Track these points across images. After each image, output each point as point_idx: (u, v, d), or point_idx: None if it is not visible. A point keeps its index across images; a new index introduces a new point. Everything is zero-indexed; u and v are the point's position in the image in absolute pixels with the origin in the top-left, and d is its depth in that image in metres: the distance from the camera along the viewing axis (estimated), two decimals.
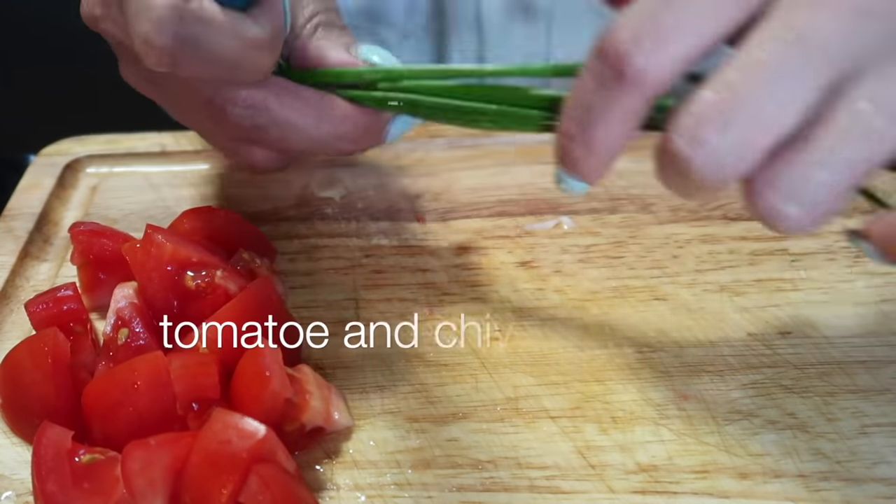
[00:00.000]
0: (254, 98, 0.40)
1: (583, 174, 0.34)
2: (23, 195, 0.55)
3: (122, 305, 0.41)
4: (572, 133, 0.33)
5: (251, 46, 0.35)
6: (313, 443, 0.39)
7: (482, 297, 0.46)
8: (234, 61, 0.36)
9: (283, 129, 0.41)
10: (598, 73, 0.31)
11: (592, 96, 0.32)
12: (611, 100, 0.31)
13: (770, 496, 0.36)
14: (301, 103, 0.40)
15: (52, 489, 0.34)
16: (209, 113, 0.41)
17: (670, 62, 0.30)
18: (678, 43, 0.30)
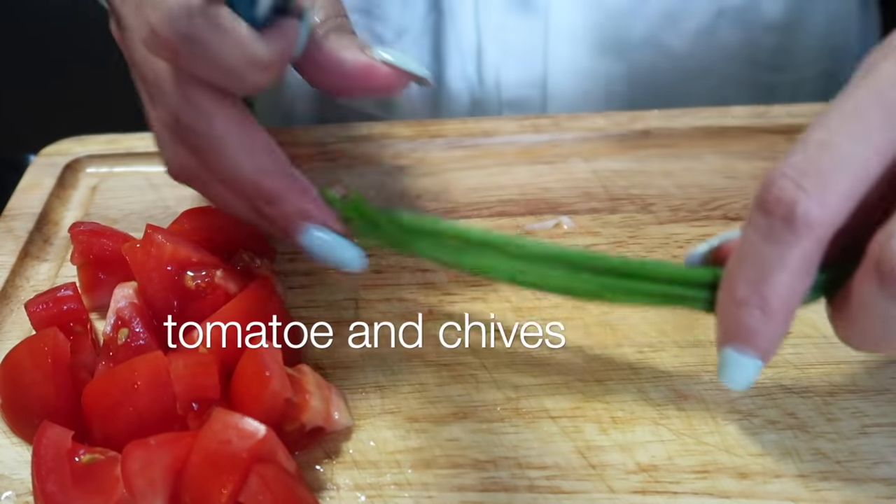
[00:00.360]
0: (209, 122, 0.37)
1: (760, 344, 0.33)
2: (23, 195, 0.55)
3: (122, 305, 0.41)
4: (745, 297, 0.32)
5: (256, 65, 0.35)
6: (313, 443, 0.39)
7: (482, 297, 0.46)
8: (235, 74, 0.35)
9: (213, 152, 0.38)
10: (764, 228, 0.31)
11: (763, 251, 0.31)
12: (787, 249, 0.31)
13: (770, 496, 0.36)
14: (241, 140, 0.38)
15: (52, 489, 0.34)
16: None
17: (837, 199, 0.30)
18: (843, 176, 0.30)
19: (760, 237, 0.31)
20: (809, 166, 0.30)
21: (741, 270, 0.32)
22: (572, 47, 0.64)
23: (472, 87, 0.66)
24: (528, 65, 0.64)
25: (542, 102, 0.66)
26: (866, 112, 0.30)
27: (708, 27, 0.64)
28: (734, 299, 0.32)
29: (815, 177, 0.30)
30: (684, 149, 0.57)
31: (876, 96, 0.30)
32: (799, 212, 0.30)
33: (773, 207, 0.30)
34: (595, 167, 0.55)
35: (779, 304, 0.32)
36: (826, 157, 0.30)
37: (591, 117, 0.59)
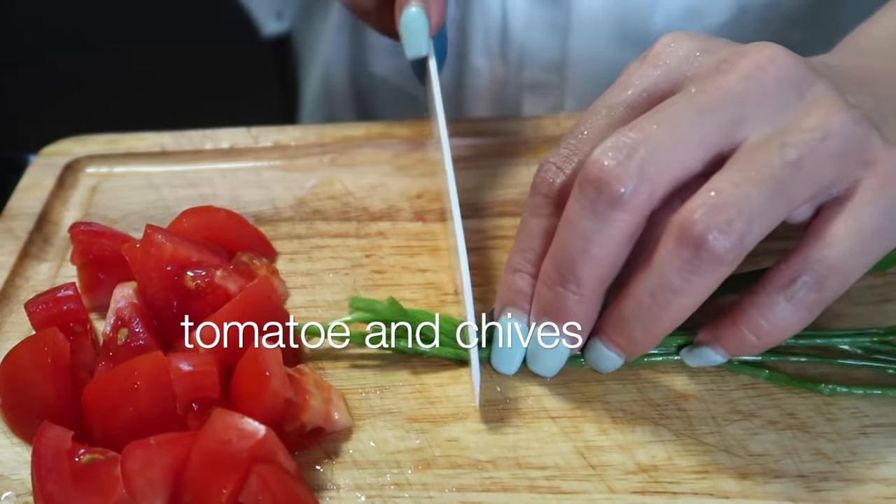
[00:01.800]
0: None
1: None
2: (23, 195, 0.55)
3: (121, 305, 0.41)
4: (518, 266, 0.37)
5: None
6: (313, 443, 0.39)
7: (482, 297, 0.46)
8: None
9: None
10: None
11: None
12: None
13: (770, 496, 0.36)
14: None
15: (52, 489, 0.34)
16: None
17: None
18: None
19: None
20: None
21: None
22: (593, 36, 0.65)
23: (494, 65, 0.67)
24: (549, 49, 0.66)
25: (560, 87, 0.67)
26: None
27: (730, 22, 0.64)
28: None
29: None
30: None
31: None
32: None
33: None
34: None
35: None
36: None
37: None
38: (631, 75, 0.37)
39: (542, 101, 0.68)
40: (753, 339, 0.35)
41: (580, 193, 0.33)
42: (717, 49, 0.36)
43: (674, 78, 0.35)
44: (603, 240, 0.34)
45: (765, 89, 0.33)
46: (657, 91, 0.35)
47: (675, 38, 0.36)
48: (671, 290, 0.33)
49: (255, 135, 0.59)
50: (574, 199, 0.34)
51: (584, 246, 0.34)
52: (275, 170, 0.57)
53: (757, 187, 0.32)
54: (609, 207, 0.33)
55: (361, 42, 0.73)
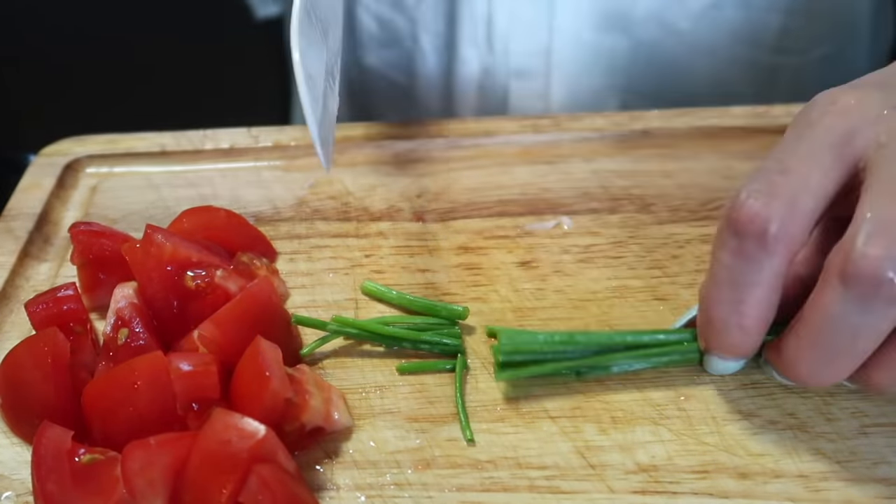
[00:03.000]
0: None
1: (741, 352, 0.37)
2: (23, 195, 0.55)
3: (122, 305, 0.41)
4: (723, 317, 0.35)
5: None
6: (313, 443, 0.39)
7: (482, 297, 0.46)
8: None
9: None
10: (738, 249, 0.34)
11: (738, 272, 0.34)
12: (760, 268, 0.33)
13: (770, 496, 0.36)
14: None
15: (52, 489, 0.34)
16: None
17: (803, 217, 0.33)
18: (807, 199, 0.33)
19: (733, 257, 0.34)
20: (776, 188, 0.33)
21: (718, 292, 0.35)
22: (576, 20, 0.66)
23: (481, 54, 0.68)
24: (533, 35, 0.67)
25: (546, 72, 0.68)
26: (816, 149, 0.34)
27: (711, 7, 0.65)
28: (713, 321, 0.36)
29: (782, 197, 0.33)
30: (684, 149, 0.57)
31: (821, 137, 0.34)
32: (772, 230, 0.33)
33: (744, 227, 0.33)
34: (595, 167, 0.55)
35: (755, 319, 0.35)
36: (789, 181, 0.33)
37: (591, 117, 0.59)
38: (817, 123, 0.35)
39: (528, 86, 0.69)
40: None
41: (848, 291, 0.31)
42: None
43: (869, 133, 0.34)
44: (875, 334, 0.33)
45: None
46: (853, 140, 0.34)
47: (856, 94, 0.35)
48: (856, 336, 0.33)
49: (255, 135, 0.59)
50: (837, 294, 0.32)
51: (852, 343, 0.33)
52: (275, 170, 0.57)
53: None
54: (887, 303, 0.31)
55: (352, 34, 0.73)
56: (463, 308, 0.44)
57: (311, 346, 0.43)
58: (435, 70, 0.71)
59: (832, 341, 0.33)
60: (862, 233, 0.31)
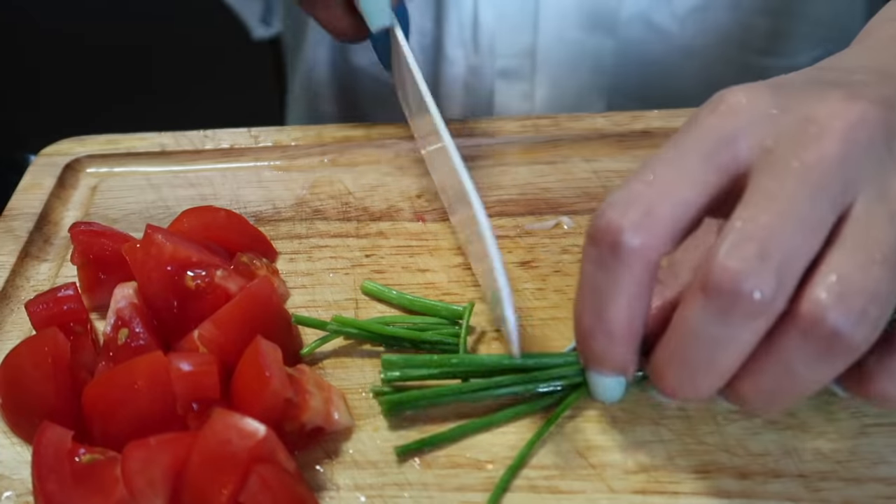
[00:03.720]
0: None
1: (612, 364, 0.35)
2: (23, 195, 0.55)
3: (122, 305, 0.41)
4: (590, 326, 0.34)
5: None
6: (313, 443, 0.39)
7: (482, 297, 0.46)
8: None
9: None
10: (595, 257, 0.33)
11: (598, 280, 0.33)
12: (618, 277, 0.32)
13: (770, 496, 0.36)
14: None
15: (52, 489, 0.34)
16: None
17: (661, 226, 0.32)
18: (664, 208, 0.32)
19: (594, 267, 0.33)
20: (634, 198, 0.32)
21: (583, 302, 0.34)
22: (561, 20, 0.66)
23: (467, 53, 0.68)
24: (519, 35, 0.67)
25: (531, 73, 0.68)
26: (685, 155, 0.33)
27: (700, 8, 0.65)
28: (582, 330, 0.35)
29: (638, 207, 0.32)
30: None
31: (695, 143, 0.33)
32: (624, 240, 0.32)
33: (601, 236, 0.32)
34: (595, 167, 0.55)
35: (620, 327, 0.33)
36: (650, 191, 0.32)
37: (591, 117, 0.59)
38: (701, 123, 0.33)
39: (513, 87, 0.69)
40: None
41: (707, 300, 0.30)
42: (791, 105, 0.33)
43: (753, 136, 0.32)
44: (736, 348, 0.31)
45: (861, 150, 0.31)
46: (734, 145, 0.32)
47: (747, 93, 0.33)
48: (799, 380, 0.31)
49: (255, 135, 0.59)
50: (698, 305, 0.31)
51: (712, 355, 0.32)
52: (275, 170, 0.57)
53: (879, 267, 0.30)
54: (746, 317, 0.30)
55: None
56: (464, 308, 0.44)
57: (311, 346, 0.43)
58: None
59: (694, 354, 0.32)
60: (726, 243, 0.30)
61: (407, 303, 0.45)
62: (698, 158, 0.32)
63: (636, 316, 0.33)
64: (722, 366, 0.32)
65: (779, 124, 0.32)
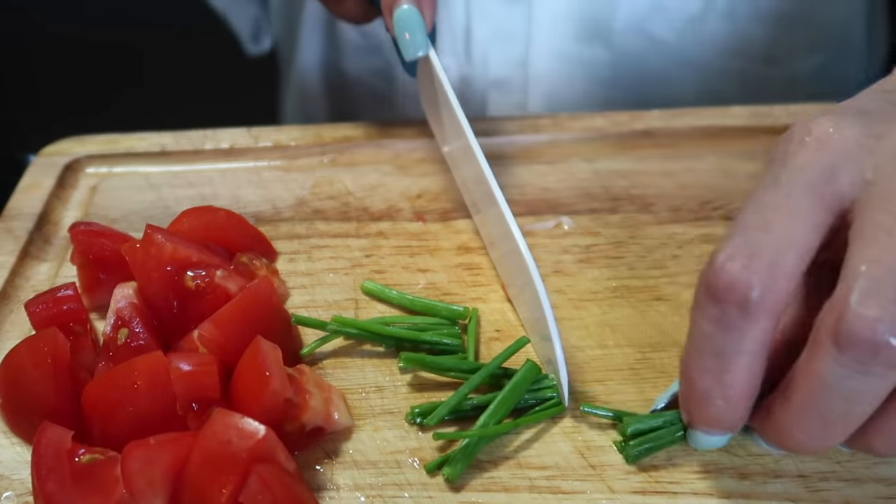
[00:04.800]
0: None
1: (727, 426, 0.33)
2: (23, 195, 0.55)
3: (122, 305, 0.41)
4: (708, 389, 0.32)
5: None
6: (313, 443, 0.39)
7: (482, 297, 0.46)
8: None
9: None
10: (718, 316, 0.30)
11: (720, 341, 0.31)
12: (743, 336, 0.30)
13: (770, 496, 0.36)
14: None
15: (52, 489, 0.34)
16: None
17: (786, 278, 0.30)
18: (789, 258, 0.30)
19: (714, 326, 0.31)
20: (755, 249, 0.30)
21: (699, 362, 0.32)
22: (555, 32, 0.65)
23: (460, 64, 0.68)
24: (512, 46, 0.66)
25: (524, 84, 0.68)
26: (792, 195, 0.31)
27: (697, 18, 0.65)
28: (696, 393, 0.33)
29: (763, 259, 0.30)
30: (684, 149, 0.57)
31: (796, 181, 0.31)
32: (753, 296, 0.30)
33: (725, 294, 0.30)
34: (595, 167, 0.55)
35: (740, 391, 0.32)
36: (770, 239, 0.30)
37: (591, 117, 0.59)
38: (795, 159, 0.31)
39: (506, 98, 0.69)
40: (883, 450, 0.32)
41: (841, 353, 0.28)
42: (882, 132, 0.31)
43: (853, 168, 0.31)
44: (874, 398, 0.29)
45: None
46: (836, 180, 0.31)
47: (834, 122, 0.32)
48: (853, 401, 0.30)
49: (255, 135, 0.59)
50: (830, 358, 0.29)
51: (847, 408, 0.30)
52: (275, 170, 0.57)
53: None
54: (886, 367, 0.28)
55: (334, 42, 0.73)
56: (464, 308, 0.44)
57: (311, 346, 0.43)
58: (413, 80, 0.71)
59: (827, 407, 0.30)
60: (856, 290, 0.28)
61: (407, 303, 0.45)
62: (806, 198, 0.31)
63: (757, 374, 0.32)
64: (856, 418, 0.30)
65: (876, 154, 0.30)
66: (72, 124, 0.64)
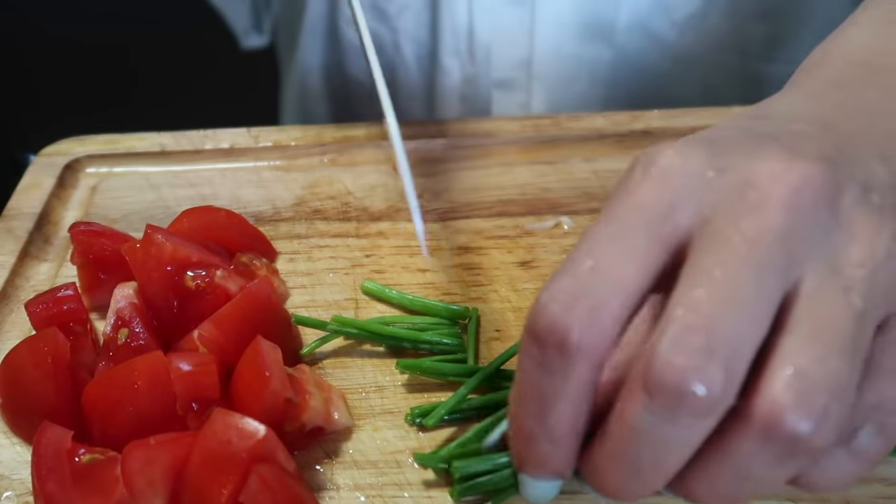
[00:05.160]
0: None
1: (555, 468, 0.32)
2: (23, 195, 0.55)
3: (122, 305, 0.41)
4: (531, 431, 0.31)
5: None
6: (313, 443, 0.39)
7: (482, 297, 0.46)
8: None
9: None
10: (539, 358, 0.29)
11: (542, 383, 0.30)
12: (564, 379, 0.29)
13: (770, 496, 0.36)
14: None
15: (52, 489, 0.34)
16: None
17: (611, 321, 0.29)
18: (613, 300, 0.28)
19: (536, 368, 0.30)
20: (580, 290, 0.29)
21: (523, 405, 0.31)
22: (558, 31, 0.65)
23: (463, 64, 0.68)
24: (515, 45, 0.66)
25: (527, 84, 0.68)
26: (626, 232, 0.29)
27: (697, 16, 0.65)
28: (521, 435, 0.32)
29: (585, 301, 0.29)
30: None
31: (633, 216, 0.29)
32: (572, 339, 0.28)
33: (545, 336, 0.29)
34: (595, 167, 0.55)
35: (564, 432, 0.31)
36: (595, 280, 0.29)
37: (591, 117, 0.59)
38: (635, 192, 0.30)
39: (510, 97, 0.69)
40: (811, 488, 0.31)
41: (650, 399, 0.27)
42: (727, 165, 0.30)
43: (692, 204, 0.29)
44: (683, 447, 0.29)
45: (806, 218, 0.28)
46: (674, 216, 0.29)
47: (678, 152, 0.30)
48: (755, 482, 0.29)
49: (255, 135, 0.59)
50: (640, 404, 0.28)
51: (657, 456, 0.29)
52: (275, 170, 0.57)
53: (839, 357, 0.27)
54: (693, 417, 0.27)
55: (336, 44, 0.73)
56: (464, 308, 0.44)
57: (311, 346, 0.43)
58: (417, 80, 0.70)
59: (638, 454, 0.29)
60: (667, 336, 0.27)
61: (407, 303, 0.45)
62: (640, 234, 0.29)
63: (581, 416, 0.30)
64: (668, 466, 0.29)
65: (716, 189, 0.29)
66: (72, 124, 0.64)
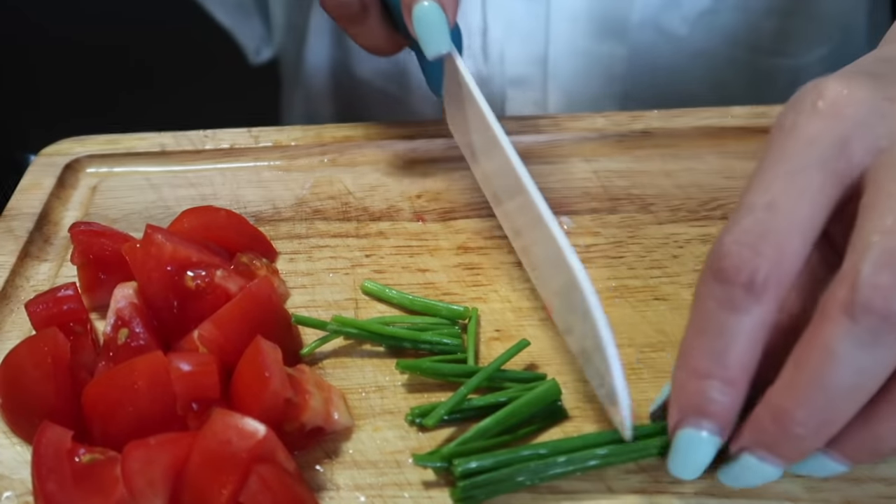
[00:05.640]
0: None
1: (719, 417, 0.32)
2: (23, 195, 0.55)
3: (122, 305, 0.41)
4: (706, 369, 0.31)
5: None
6: (313, 443, 0.39)
7: (482, 297, 0.46)
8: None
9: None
10: (723, 298, 0.30)
11: (725, 322, 0.30)
12: (749, 316, 0.30)
13: (770, 496, 0.36)
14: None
15: (52, 489, 0.34)
16: None
17: (796, 259, 0.29)
18: (796, 238, 0.29)
19: (719, 307, 0.30)
20: (763, 230, 0.30)
21: (699, 342, 0.31)
22: (572, 28, 0.66)
23: (477, 63, 0.68)
24: (530, 43, 0.66)
25: (542, 81, 0.68)
26: (801, 169, 0.30)
27: (708, 12, 0.65)
28: (694, 373, 0.32)
29: (770, 240, 0.29)
30: (684, 149, 0.57)
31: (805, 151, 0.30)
32: (760, 278, 0.29)
33: (732, 275, 0.30)
34: (595, 167, 0.55)
35: (740, 372, 0.31)
36: (777, 220, 0.30)
37: (591, 117, 0.59)
38: (805, 127, 0.30)
39: (525, 95, 0.69)
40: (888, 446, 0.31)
41: (855, 325, 0.27)
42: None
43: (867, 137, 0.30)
44: (879, 377, 0.28)
45: None
46: (848, 150, 0.30)
47: (846, 85, 0.30)
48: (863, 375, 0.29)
49: (255, 135, 0.59)
50: (841, 330, 0.28)
51: (857, 382, 0.29)
52: (275, 170, 0.57)
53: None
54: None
55: (343, 45, 0.73)
56: (464, 308, 0.44)
57: (311, 346, 0.43)
58: (439, 98, 0.71)
59: (835, 382, 0.29)
60: (868, 260, 0.27)
61: (407, 303, 0.45)
62: (816, 174, 0.30)
63: (755, 360, 0.31)
64: (863, 395, 0.29)
65: (889, 119, 0.30)
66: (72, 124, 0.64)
